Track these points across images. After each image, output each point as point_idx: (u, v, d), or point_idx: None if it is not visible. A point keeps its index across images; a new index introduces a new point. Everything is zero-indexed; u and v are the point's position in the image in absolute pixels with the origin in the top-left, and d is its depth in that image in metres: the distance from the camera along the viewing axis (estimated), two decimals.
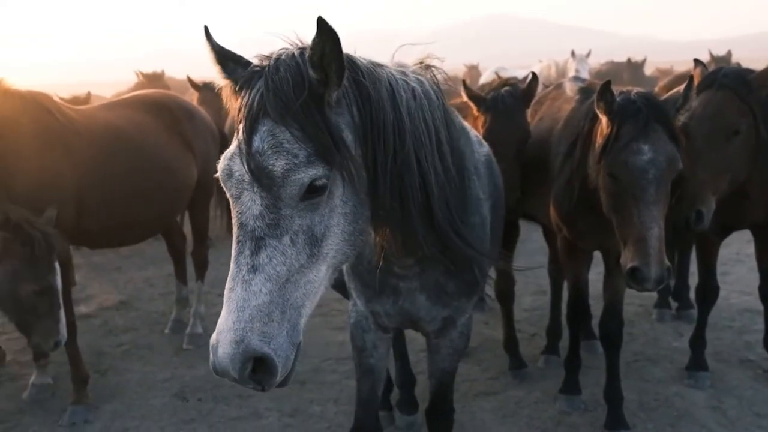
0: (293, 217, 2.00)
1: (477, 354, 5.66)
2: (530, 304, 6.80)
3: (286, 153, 1.99)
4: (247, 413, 4.78)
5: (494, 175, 3.43)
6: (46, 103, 4.83)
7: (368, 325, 3.19)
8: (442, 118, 2.52)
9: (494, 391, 5.00)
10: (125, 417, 4.78)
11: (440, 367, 3.25)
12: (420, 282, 2.90)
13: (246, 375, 1.93)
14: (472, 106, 4.86)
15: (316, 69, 2.05)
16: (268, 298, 1.94)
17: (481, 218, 2.92)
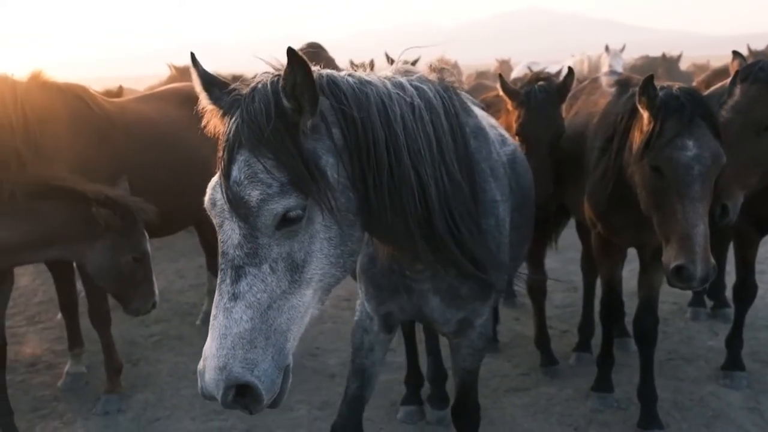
0: (271, 246, 2.03)
1: (508, 350, 5.62)
2: (561, 300, 6.73)
3: (261, 183, 2.02)
4: None
5: (519, 175, 3.38)
6: (83, 95, 4.90)
7: (370, 326, 3.18)
8: (447, 126, 2.48)
9: (525, 388, 4.96)
10: (157, 407, 4.83)
11: (461, 366, 3.23)
12: (432, 285, 2.87)
13: (229, 401, 1.99)
14: (506, 100, 4.81)
15: (290, 98, 2.06)
16: (250, 325, 1.98)
17: (497, 221, 2.87)
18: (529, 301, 6.52)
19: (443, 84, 2.66)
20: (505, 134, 3.56)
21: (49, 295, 6.98)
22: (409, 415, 4.55)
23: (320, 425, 4.46)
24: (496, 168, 2.96)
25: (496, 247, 2.86)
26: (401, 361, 5.35)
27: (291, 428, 4.49)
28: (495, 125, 3.49)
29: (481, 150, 2.87)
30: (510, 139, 3.54)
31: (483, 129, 2.99)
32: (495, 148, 3.06)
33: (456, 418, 3.39)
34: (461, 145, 2.56)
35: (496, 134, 3.31)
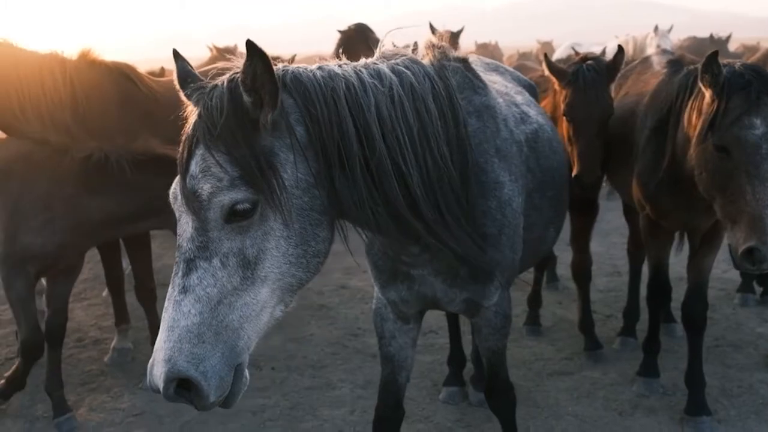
0: (222, 240, 2.01)
1: (550, 334, 5.57)
2: (605, 285, 6.65)
3: (212, 177, 2.01)
4: (320, 383, 4.82)
5: (541, 154, 3.28)
6: (129, 74, 4.96)
7: (387, 314, 3.15)
8: (435, 109, 2.42)
9: (569, 371, 4.91)
10: None
11: (485, 346, 3.20)
12: (432, 267, 2.81)
13: (171, 394, 1.95)
14: (553, 80, 4.73)
15: (249, 92, 2.04)
16: (198, 319, 1.95)
17: (499, 202, 2.79)
18: (571, 285, 6.48)
19: (438, 64, 2.60)
20: (530, 112, 3.44)
21: (95, 273, 7.11)
22: (451, 395, 4.54)
23: (363, 403, 4.48)
24: (504, 147, 2.88)
25: (497, 230, 2.79)
26: (443, 342, 5.37)
27: (334, 406, 4.52)
28: (518, 103, 3.39)
29: (484, 130, 2.81)
30: (535, 118, 3.41)
31: (491, 107, 2.91)
32: (507, 126, 2.97)
33: (489, 399, 3.38)
34: (452, 126, 2.49)
35: (514, 112, 3.22)
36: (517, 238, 2.93)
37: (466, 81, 2.88)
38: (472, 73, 2.95)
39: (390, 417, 3.27)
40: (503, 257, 2.85)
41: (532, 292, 5.71)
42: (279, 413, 4.46)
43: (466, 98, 2.81)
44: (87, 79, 4.82)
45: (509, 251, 2.88)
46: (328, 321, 6.00)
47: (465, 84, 2.86)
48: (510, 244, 2.88)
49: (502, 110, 3.01)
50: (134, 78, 4.97)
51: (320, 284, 6.92)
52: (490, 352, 3.22)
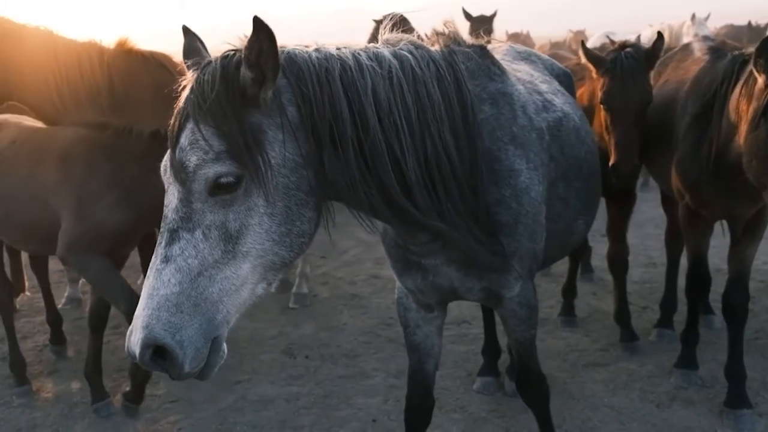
0: (204, 212, 2.03)
1: (585, 325, 5.52)
2: (640, 276, 6.56)
3: (200, 149, 2.03)
4: (353, 372, 4.83)
5: (565, 143, 3.21)
6: (165, 63, 4.97)
7: (409, 304, 3.14)
8: (439, 94, 2.38)
9: (605, 363, 4.86)
10: (237, 370, 4.92)
11: (512, 337, 3.17)
12: (445, 257, 2.76)
13: (146, 360, 1.97)
14: (590, 68, 4.65)
15: (253, 68, 2.04)
16: (178, 289, 1.97)
17: (515, 191, 2.73)
18: (605, 276, 6.43)
19: (446, 50, 2.56)
20: (556, 100, 3.35)
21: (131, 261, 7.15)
22: (486, 386, 4.51)
23: (397, 393, 4.47)
24: (520, 135, 2.81)
25: (513, 219, 2.73)
26: (476, 332, 5.35)
27: (368, 395, 4.52)
28: (542, 91, 3.32)
29: (498, 117, 2.75)
30: (560, 106, 3.33)
31: (507, 94, 2.85)
32: (525, 113, 2.90)
33: (521, 391, 3.34)
34: (458, 112, 2.45)
35: (536, 99, 3.15)
36: (537, 227, 2.87)
37: (482, 67, 2.83)
38: (489, 59, 2.90)
39: (420, 405, 3.27)
40: (520, 246, 2.80)
41: (566, 282, 5.65)
42: (313, 401, 4.47)
43: (480, 85, 2.77)
44: (124, 67, 4.86)
45: (527, 241, 2.82)
46: (361, 310, 6.01)
47: (480, 70, 2.82)
48: (528, 234, 2.81)
49: (521, 97, 2.95)
50: (170, 67, 4.99)
51: (352, 274, 6.94)
52: (518, 344, 3.18)
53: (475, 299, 3.07)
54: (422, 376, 3.23)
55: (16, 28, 4.65)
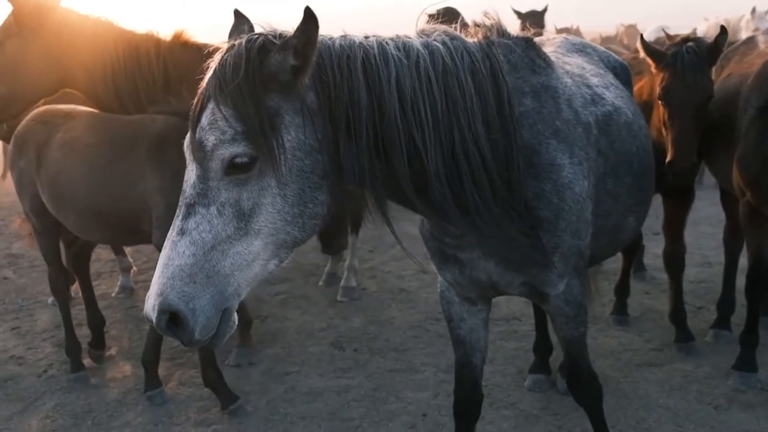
0: (220, 189, 2.11)
1: (639, 324, 5.41)
2: (695, 276, 6.40)
3: (218, 130, 2.10)
4: (403, 366, 4.82)
5: (615, 137, 3.12)
6: None
7: (452, 297, 3.11)
8: (472, 86, 2.35)
9: (659, 363, 4.76)
10: (286, 362, 4.96)
11: (561, 335, 3.11)
12: (481, 250, 2.73)
13: (162, 325, 2.07)
14: (649, 62, 4.55)
15: (298, 56, 2.09)
16: (192, 261, 2.06)
17: (555, 185, 2.66)
18: (658, 275, 6.31)
19: (484, 42, 2.52)
20: (606, 94, 3.26)
21: None
22: (537, 383, 4.46)
23: (447, 387, 4.43)
24: (564, 129, 2.74)
25: (553, 214, 2.67)
26: (526, 329, 5.30)
27: (418, 389, 4.50)
28: (592, 84, 3.23)
29: (540, 110, 2.69)
30: (611, 100, 3.24)
31: (551, 87, 2.78)
32: (571, 107, 2.83)
33: (572, 389, 3.28)
34: (493, 105, 2.41)
35: (584, 93, 3.06)
36: (581, 224, 2.80)
37: (525, 60, 2.78)
38: (534, 52, 2.84)
39: (469, 399, 3.25)
40: (561, 243, 2.74)
41: (619, 281, 5.55)
42: (363, 394, 4.47)
43: (522, 77, 2.72)
44: (179, 59, 4.93)
45: (570, 237, 2.76)
46: (409, 305, 5.99)
47: (523, 63, 2.76)
48: (572, 230, 2.75)
49: (567, 90, 2.88)
50: None
51: (400, 268, 6.92)
52: (567, 342, 3.13)
53: (517, 294, 3.01)
54: (469, 370, 3.21)
55: (79, 19, 4.76)
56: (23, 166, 4.60)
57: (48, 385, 4.80)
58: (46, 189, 4.47)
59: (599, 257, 3.38)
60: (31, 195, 4.61)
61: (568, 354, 3.19)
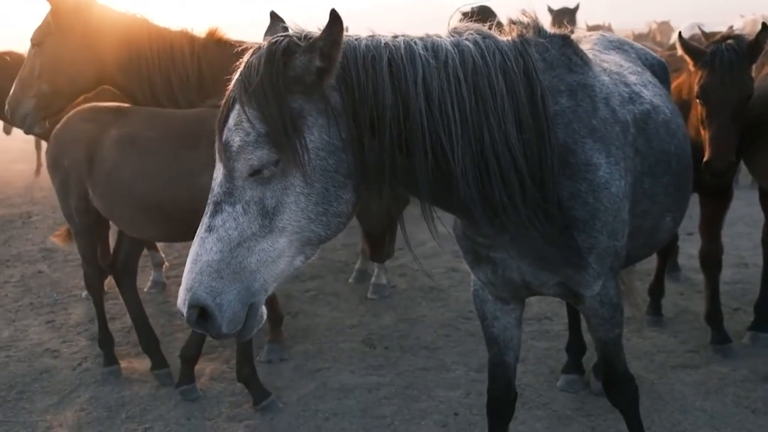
0: (245, 188, 2.15)
1: (673, 325, 5.33)
2: (731, 276, 6.29)
3: (242, 131, 2.14)
4: (434, 365, 4.81)
5: (652, 136, 3.07)
6: None
7: (485, 296, 3.09)
8: (503, 85, 2.33)
9: (694, 365, 4.68)
10: (317, 358, 4.96)
11: (596, 337, 3.08)
12: (515, 251, 2.70)
13: (192, 320, 2.12)
14: (687, 60, 4.47)
15: (324, 58, 2.11)
16: (219, 257, 2.12)
17: (591, 185, 2.62)
18: (693, 276, 6.22)
19: (518, 40, 2.49)
20: (644, 92, 3.20)
21: None
22: (570, 383, 4.42)
23: (479, 387, 4.41)
24: (600, 128, 2.70)
25: (589, 214, 2.63)
26: (558, 328, 5.25)
27: (449, 388, 4.49)
28: (630, 82, 3.18)
29: (576, 109, 2.65)
30: (648, 98, 3.19)
31: (588, 86, 2.74)
32: (608, 105, 2.78)
33: (607, 391, 3.23)
34: (525, 104, 2.38)
35: (621, 91, 3.01)
36: (618, 224, 2.76)
37: (561, 58, 2.74)
38: (571, 49, 2.80)
39: (503, 398, 3.23)
40: (597, 243, 2.70)
41: (654, 281, 5.48)
42: (394, 392, 4.47)
43: (558, 76, 2.68)
44: (213, 57, 4.97)
45: (606, 238, 2.72)
46: (440, 303, 5.97)
47: (559, 61, 2.72)
48: (608, 230, 2.71)
49: (604, 89, 2.84)
50: None
51: (430, 266, 6.89)
52: (602, 343, 3.09)
53: (552, 294, 2.99)
54: (502, 369, 3.19)
55: (115, 16, 4.82)
56: (69, 165, 4.52)
57: (82, 378, 4.86)
58: (99, 186, 4.42)
59: (635, 258, 3.34)
60: (77, 194, 4.54)
61: (603, 356, 3.15)
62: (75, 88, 4.85)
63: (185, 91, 4.91)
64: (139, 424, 4.25)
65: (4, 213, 9.95)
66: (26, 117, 4.88)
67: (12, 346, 5.41)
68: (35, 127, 5.01)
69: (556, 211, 2.51)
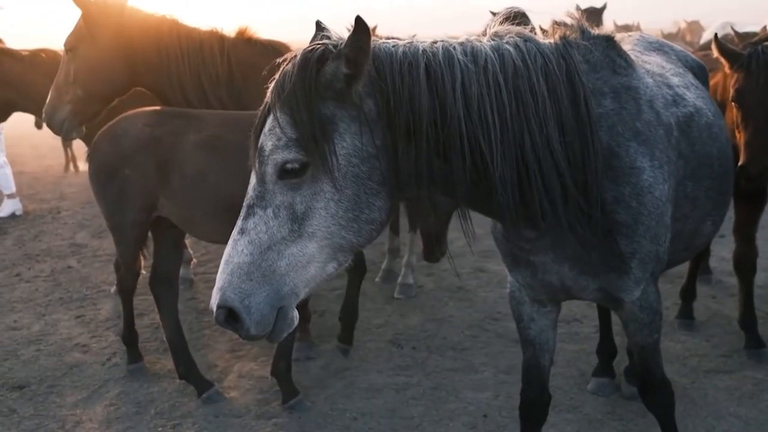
0: (275, 193, 2.18)
1: (705, 329, 5.26)
2: (765, 280, 6.18)
3: (274, 136, 2.18)
4: (462, 366, 4.77)
5: (695, 140, 3.02)
6: (284, 52, 5.04)
7: (522, 297, 3.06)
8: (545, 88, 2.29)
9: (728, 370, 4.61)
10: (344, 358, 4.95)
11: (633, 341, 3.03)
12: (555, 254, 2.67)
13: (221, 320, 2.16)
14: (723, 62, 4.40)
15: (351, 64, 2.11)
16: (249, 259, 2.14)
17: (634, 189, 2.58)
18: (725, 279, 6.13)
19: (561, 42, 2.45)
20: (687, 95, 3.17)
21: None
22: (601, 387, 4.36)
23: (508, 389, 4.39)
24: (645, 131, 2.66)
25: (632, 218, 2.59)
26: (588, 331, 5.20)
27: (477, 389, 4.45)
28: (673, 84, 3.14)
29: (620, 111, 2.62)
30: (692, 101, 3.15)
31: (632, 88, 2.70)
32: (652, 108, 2.74)
33: (643, 396, 3.19)
34: (567, 107, 2.34)
35: (665, 93, 2.97)
36: (660, 229, 2.72)
37: (605, 60, 2.70)
38: (615, 51, 2.76)
39: (536, 400, 3.20)
40: (640, 248, 2.66)
41: (686, 284, 5.40)
42: (422, 393, 4.44)
43: (602, 78, 2.65)
44: (243, 56, 4.99)
45: (649, 242, 2.67)
46: (467, 303, 5.93)
47: (603, 63, 2.69)
48: (651, 235, 2.67)
49: (648, 91, 2.79)
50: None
51: (457, 266, 6.84)
52: (640, 348, 3.05)
53: (591, 299, 2.96)
54: (538, 371, 3.16)
55: (146, 18, 4.84)
56: (131, 174, 4.26)
57: (112, 374, 4.89)
58: (179, 194, 4.23)
59: (674, 262, 3.29)
60: (140, 206, 4.31)
61: (640, 360, 3.10)
62: (110, 92, 4.88)
63: (216, 91, 4.93)
64: (168, 420, 4.26)
65: (33, 208, 10.07)
66: (63, 123, 4.91)
67: (42, 341, 5.46)
68: (73, 132, 5.04)
69: (600, 216, 2.47)
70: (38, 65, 6.07)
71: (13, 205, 9.65)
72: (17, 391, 4.67)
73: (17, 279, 6.98)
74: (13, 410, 4.42)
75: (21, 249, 8.05)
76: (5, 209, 9.60)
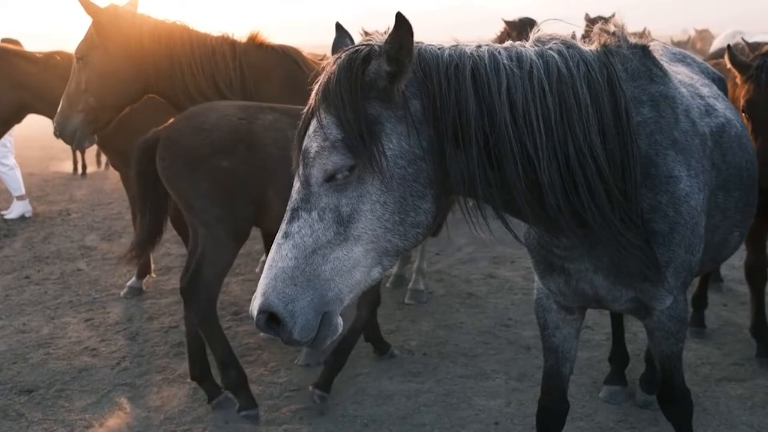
0: (320, 195, 2.14)
1: (717, 337, 5.23)
2: None
3: (319, 137, 2.15)
4: (473, 372, 4.75)
5: (727, 150, 3.04)
6: (297, 57, 5.08)
7: (549, 304, 3.05)
8: (588, 95, 2.29)
9: (740, 378, 4.58)
10: (355, 364, 4.93)
11: (658, 350, 3.02)
12: (591, 262, 2.66)
13: (261, 324, 2.13)
14: (735, 73, 4.39)
15: (392, 62, 2.10)
16: (293, 264, 2.10)
17: (672, 197, 2.58)
18: (736, 287, 6.11)
19: (602, 50, 2.45)
20: (717, 105, 3.20)
21: (247, 249, 7.35)
22: (613, 395, 4.34)
23: (519, 396, 4.37)
24: (682, 140, 2.66)
25: (668, 227, 2.59)
26: (599, 338, 5.18)
27: (489, 397, 4.43)
28: (704, 95, 3.17)
29: (658, 120, 2.62)
30: (722, 112, 3.18)
31: (669, 97, 2.70)
32: (688, 117, 2.75)
33: (663, 405, 3.19)
34: (608, 115, 2.34)
35: (699, 104, 2.99)
36: (695, 238, 2.72)
37: (642, 69, 2.70)
38: (651, 60, 2.76)
39: (555, 409, 3.18)
40: (675, 257, 2.65)
41: (697, 292, 5.38)
42: (434, 399, 4.42)
43: (640, 86, 2.65)
44: (255, 61, 5.00)
45: (683, 252, 2.68)
46: (477, 310, 5.91)
47: (640, 72, 2.69)
48: (686, 245, 2.67)
49: (684, 101, 2.80)
50: (300, 62, 5.09)
51: (467, 272, 6.85)
52: (664, 356, 3.04)
53: (622, 310, 2.96)
54: (558, 380, 3.15)
55: (156, 24, 4.83)
56: (229, 167, 4.04)
57: (121, 378, 4.88)
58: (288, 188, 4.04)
59: (700, 272, 3.29)
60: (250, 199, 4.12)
61: (662, 369, 3.09)
62: (122, 100, 4.87)
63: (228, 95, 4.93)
64: (178, 426, 4.25)
65: (43, 210, 10.10)
66: (76, 132, 4.90)
67: (51, 344, 5.46)
68: (85, 141, 5.03)
69: (640, 223, 2.48)
70: (53, 67, 6.08)
71: (23, 206, 9.69)
72: (26, 395, 4.67)
73: (26, 281, 6.99)
74: (22, 414, 4.42)
75: (30, 251, 8.07)
76: (15, 211, 9.63)
